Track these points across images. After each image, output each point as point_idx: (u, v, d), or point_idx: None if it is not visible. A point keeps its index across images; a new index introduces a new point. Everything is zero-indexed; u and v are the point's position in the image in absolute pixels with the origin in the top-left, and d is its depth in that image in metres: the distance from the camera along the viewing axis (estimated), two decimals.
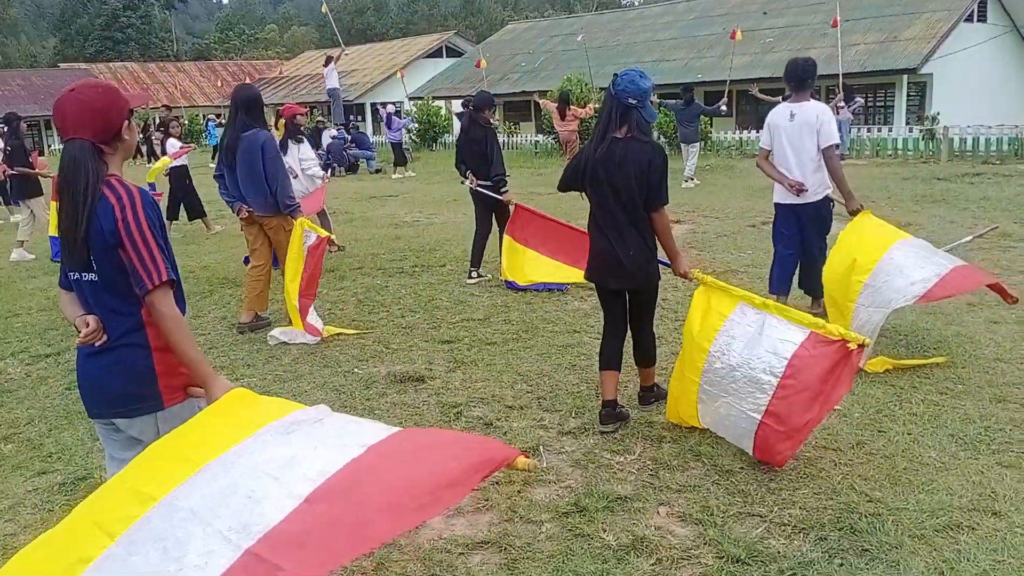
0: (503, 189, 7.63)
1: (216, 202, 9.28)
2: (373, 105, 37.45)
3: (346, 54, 29.91)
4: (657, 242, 4.24)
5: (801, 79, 5.58)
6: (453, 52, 38.64)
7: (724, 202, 12.22)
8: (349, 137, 20.33)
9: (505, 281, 7.41)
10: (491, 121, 7.86)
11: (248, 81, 50.33)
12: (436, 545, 3.34)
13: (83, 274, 2.50)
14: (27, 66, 60.18)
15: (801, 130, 5.49)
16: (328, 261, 8.87)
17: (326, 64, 20.72)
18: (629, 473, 3.84)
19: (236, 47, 70.34)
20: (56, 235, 9.88)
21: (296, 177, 9.22)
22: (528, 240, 7.27)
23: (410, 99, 31.75)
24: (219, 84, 51.09)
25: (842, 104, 15.44)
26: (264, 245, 6.55)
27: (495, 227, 7.79)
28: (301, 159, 9.07)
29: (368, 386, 5.10)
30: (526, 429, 4.36)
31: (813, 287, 5.77)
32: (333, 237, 6.32)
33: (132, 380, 2.55)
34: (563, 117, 15.65)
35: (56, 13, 68.30)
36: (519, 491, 3.70)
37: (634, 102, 4.04)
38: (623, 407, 4.43)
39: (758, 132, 16.55)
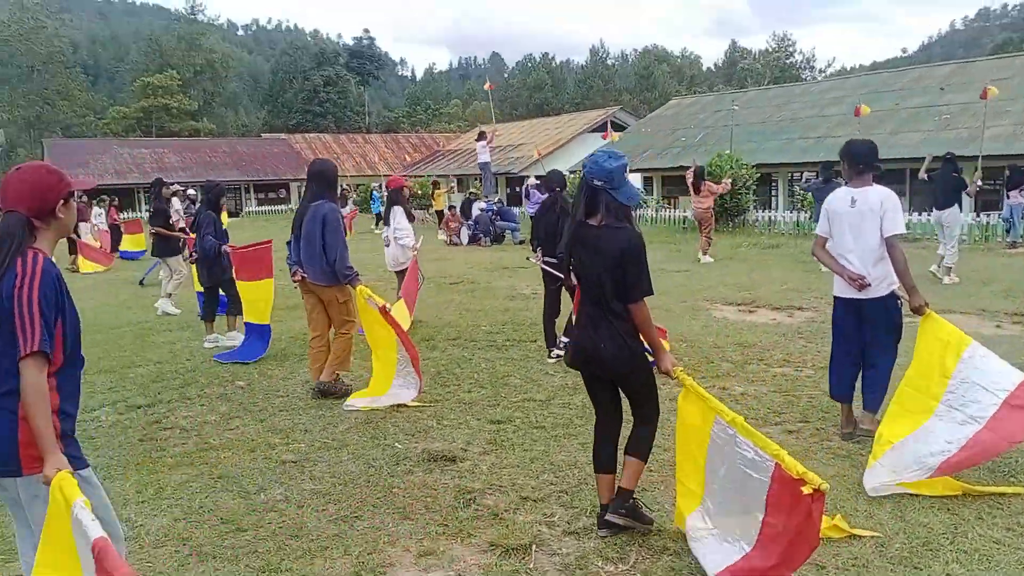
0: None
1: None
2: (538, 178, 38.43)
3: (498, 134, 31.11)
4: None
5: (862, 162, 5.13)
6: (618, 127, 39.03)
7: None
8: (496, 209, 20.93)
9: None
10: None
11: (426, 152, 53.32)
12: None
13: None
14: (238, 135, 66.73)
15: (863, 217, 5.04)
16: (426, 331, 9.12)
17: (478, 139, 21.55)
18: None
19: (421, 120, 74.74)
20: (201, 291, 10.71)
21: (388, 246, 9.64)
22: None
23: (571, 172, 32.32)
24: (401, 154, 54.37)
25: (978, 184, 13.80)
26: (321, 314, 6.76)
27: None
28: (396, 228, 9.44)
29: (398, 463, 5.11)
30: (530, 524, 4.20)
31: (872, 399, 5.22)
32: (388, 306, 6.42)
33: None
34: (697, 192, 15.31)
35: (266, 88, 75.55)
36: None
37: (600, 183, 3.78)
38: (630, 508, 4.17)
39: (929, 215, 15.36)
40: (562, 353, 7.61)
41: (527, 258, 8.14)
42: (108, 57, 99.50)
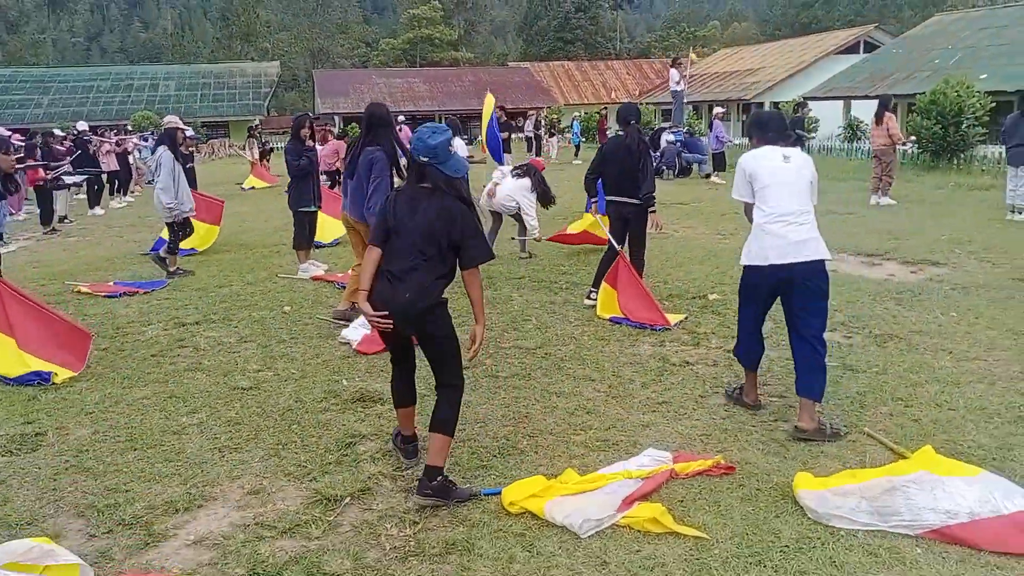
0: (651, 209, 7.14)
1: None
2: (774, 104, 35.80)
3: (693, 62, 29.37)
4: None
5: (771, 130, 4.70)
6: (871, 46, 35.14)
7: None
8: (683, 140, 19.85)
9: (610, 318, 6.91)
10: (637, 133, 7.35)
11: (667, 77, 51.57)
12: None
13: None
14: (497, 64, 68.73)
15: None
16: (501, 268, 9.03)
17: (672, 65, 20.40)
18: (377, 550, 3.45)
19: (674, 45, 72.06)
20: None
21: (501, 185, 9.57)
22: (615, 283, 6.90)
23: (802, 99, 29.88)
24: (642, 81, 53.12)
25: None
26: (362, 246, 6.96)
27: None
28: None
29: (326, 399, 5.19)
30: (374, 475, 4.13)
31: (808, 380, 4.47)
32: None
33: None
34: (878, 123, 13.46)
35: (513, 17, 76.65)
36: (260, 539, 3.57)
37: (425, 159, 3.76)
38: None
39: None
40: (594, 301, 7.26)
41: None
42: None
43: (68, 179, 14.11)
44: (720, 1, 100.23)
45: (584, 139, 29.10)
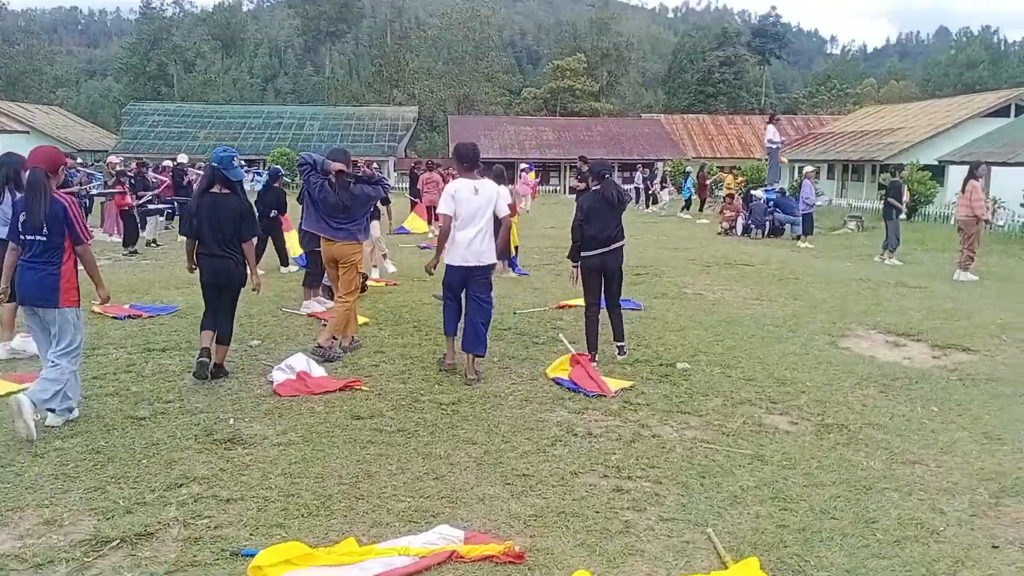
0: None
1: None
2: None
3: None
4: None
5: (467, 162, 6.54)
6: (1022, 109, 32.54)
7: None
8: (775, 199, 18.86)
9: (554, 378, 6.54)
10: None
11: (807, 133, 49.66)
12: None
13: (36, 235, 5.06)
14: (637, 115, 68.55)
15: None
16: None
17: (770, 121, 19.57)
18: None
19: (823, 101, 69.56)
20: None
21: None
22: None
23: (938, 162, 28.09)
24: (781, 136, 51.37)
25: None
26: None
27: None
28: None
29: (196, 438, 5.10)
30: (172, 520, 3.99)
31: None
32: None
33: (48, 288, 5.08)
34: (964, 191, 12.30)
35: (665, 70, 76.35)
36: (3, 570, 3.50)
37: (216, 164, 6.13)
38: None
39: None
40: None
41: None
42: (549, 42, 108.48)
43: (152, 207, 15.03)
44: (893, 58, 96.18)
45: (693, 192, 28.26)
